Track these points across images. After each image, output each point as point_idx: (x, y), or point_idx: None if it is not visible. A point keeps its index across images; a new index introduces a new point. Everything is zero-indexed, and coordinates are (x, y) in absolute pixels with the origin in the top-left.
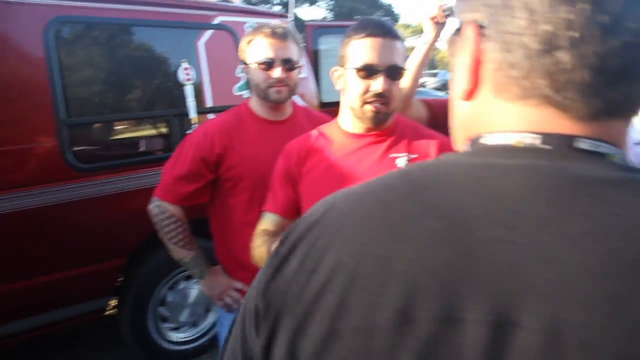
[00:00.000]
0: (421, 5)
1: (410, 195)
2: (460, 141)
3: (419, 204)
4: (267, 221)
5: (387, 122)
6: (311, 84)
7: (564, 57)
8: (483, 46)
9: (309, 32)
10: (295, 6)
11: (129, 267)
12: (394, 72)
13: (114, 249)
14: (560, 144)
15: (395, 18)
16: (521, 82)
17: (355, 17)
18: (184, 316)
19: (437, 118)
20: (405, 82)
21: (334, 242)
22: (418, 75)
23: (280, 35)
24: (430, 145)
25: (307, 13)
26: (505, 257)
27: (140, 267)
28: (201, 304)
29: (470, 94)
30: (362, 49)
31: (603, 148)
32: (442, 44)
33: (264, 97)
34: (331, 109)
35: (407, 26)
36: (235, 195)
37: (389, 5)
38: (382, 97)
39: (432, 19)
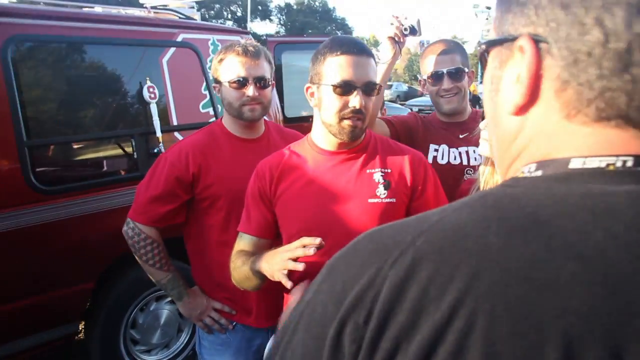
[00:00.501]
0: (377, 22)
1: (528, 233)
2: (502, 155)
3: (545, 244)
4: (244, 242)
5: (361, 138)
6: (274, 100)
7: None
8: (543, 61)
9: (271, 48)
10: (250, 20)
11: (97, 291)
12: (370, 89)
13: (82, 273)
14: None
15: (348, 32)
16: (595, 102)
17: (308, 31)
18: (155, 338)
19: (399, 135)
20: None
21: (451, 292)
22: (380, 94)
23: (252, 53)
24: (404, 160)
25: (260, 28)
26: None
27: (109, 290)
28: (173, 325)
29: (523, 109)
30: (338, 66)
31: None
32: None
33: (237, 115)
34: (295, 124)
35: (360, 39)
36: (211, 215)
37: (343, 19)
38: (359, 113)
39: (391, 38)
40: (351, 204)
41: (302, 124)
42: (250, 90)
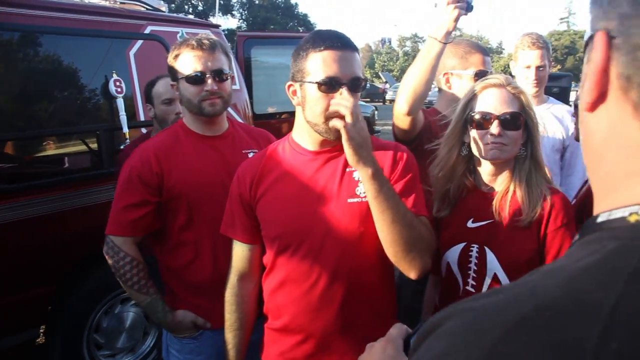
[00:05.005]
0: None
1: None
2: (591, 157)
3: None
4: (237, 252)
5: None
6: (244, 96)
7: None
8: (611, 56)
9: (240, 43)
10: (210, 15)
11: (60, 293)
12: (356, 85)
13: (43, 276)
14: None
15: (310, 28)
16: None
17: (270, 27)
18: (120, 342)
19: (429, 125)
20: (419, 82)
21: None
22: (432, 74)
23: (208, 46)
24: (385, 156)
25: (221, 23)
26: None
27: (72, 293)
28: (139, 328)
29: (592, 106)
30: (322, 62)
31: None
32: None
33: (198, 112)
34: (263, 121)
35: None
36: (179, 216)
37: (305, 15)
38: None
39: (450, 3)
40: (331, 205)
41: (269, 121)
42: (208, 85)
